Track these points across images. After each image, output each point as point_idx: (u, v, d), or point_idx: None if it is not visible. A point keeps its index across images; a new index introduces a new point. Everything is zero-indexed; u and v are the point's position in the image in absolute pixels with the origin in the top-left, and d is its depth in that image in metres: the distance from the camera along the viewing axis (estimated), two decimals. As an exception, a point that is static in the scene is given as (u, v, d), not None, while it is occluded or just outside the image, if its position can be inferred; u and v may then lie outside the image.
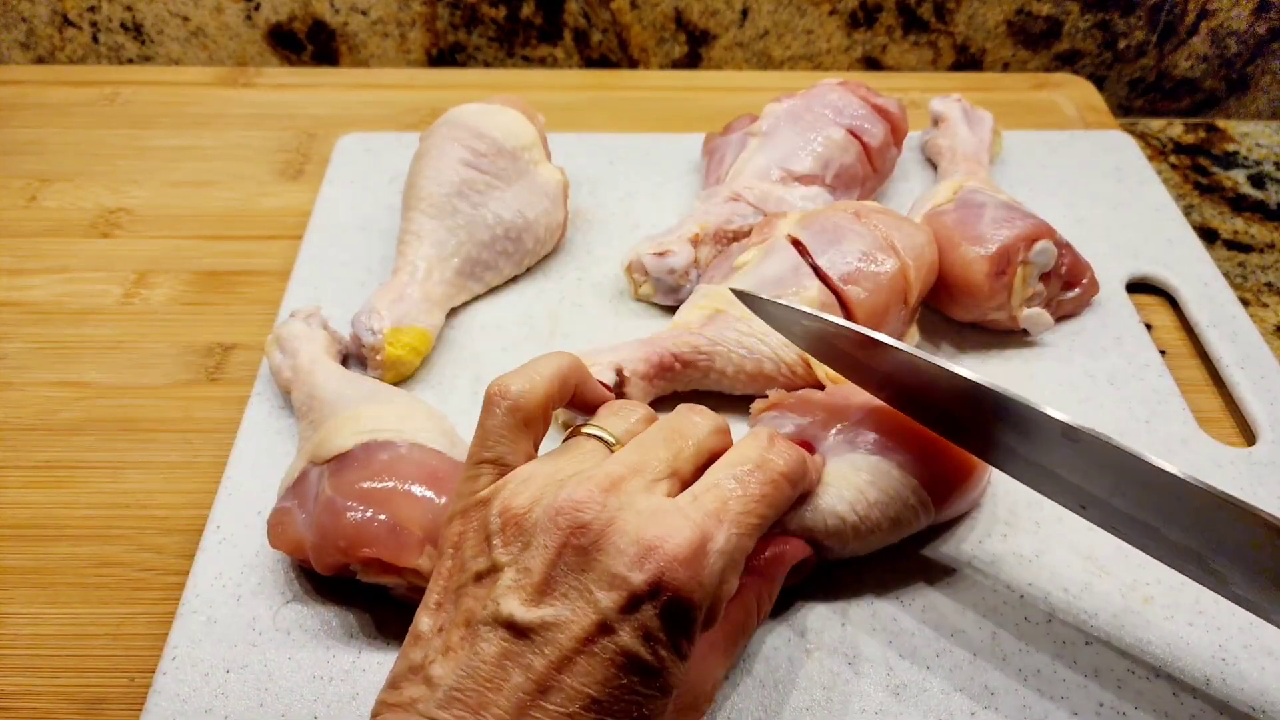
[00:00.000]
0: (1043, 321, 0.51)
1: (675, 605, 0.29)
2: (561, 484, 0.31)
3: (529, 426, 0.34)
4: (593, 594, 0.29)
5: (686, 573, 0.29)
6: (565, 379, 0.35)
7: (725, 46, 0.79)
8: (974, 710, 0.37)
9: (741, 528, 0.31)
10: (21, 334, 0.54)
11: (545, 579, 0.29)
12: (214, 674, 0.38)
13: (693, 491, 0.32)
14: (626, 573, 0.29)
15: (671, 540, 0.29)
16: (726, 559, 0.30)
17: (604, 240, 0.59)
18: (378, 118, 0.71)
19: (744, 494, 0.32)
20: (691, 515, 0.30)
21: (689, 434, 0.34)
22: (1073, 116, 0.72)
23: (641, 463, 0.32)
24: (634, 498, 0.30)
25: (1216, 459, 0.47)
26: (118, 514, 0.46)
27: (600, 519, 0.29)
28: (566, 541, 0.29)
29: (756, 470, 0.33)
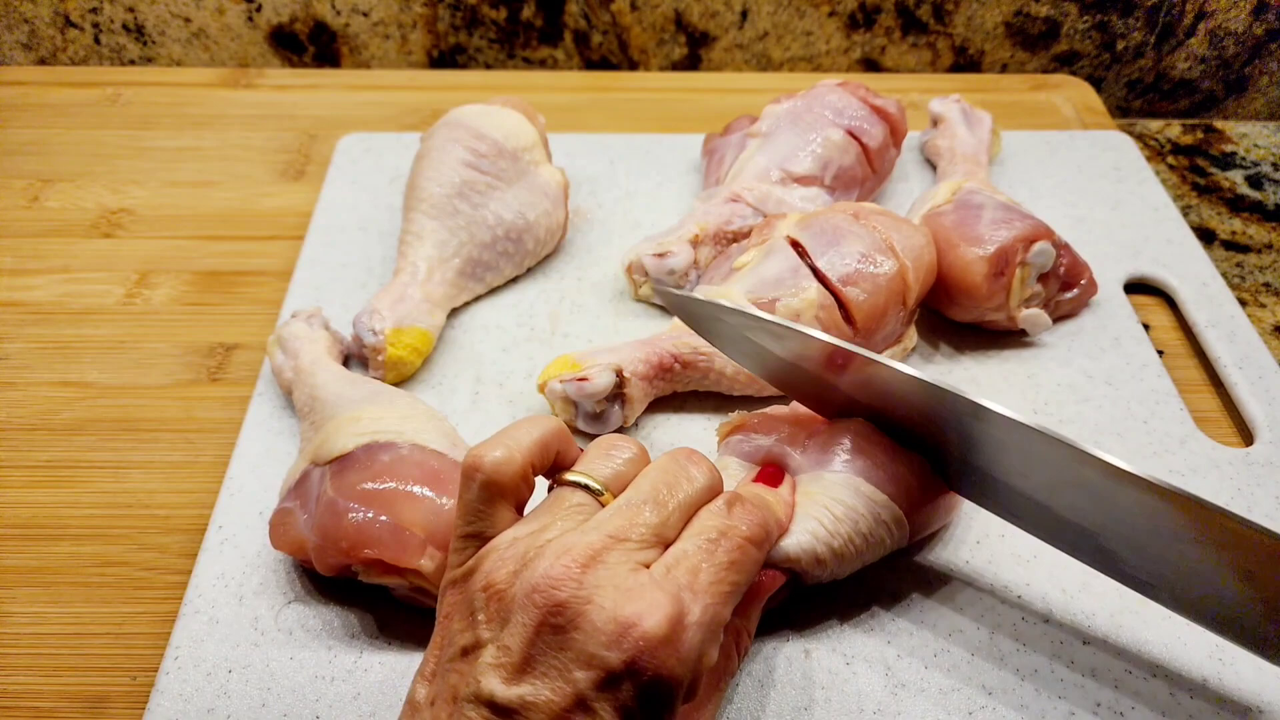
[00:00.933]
0: (1041, 322, 0.51)
1: (654, 684, 0.29)
2: (541, 553, 0.30)
3: (508, 496, 0.33)
4: (571, 673, 0.28)
5: (665, 651, 0.29)
6: (545, 445, 0.34)
7: (725, 48, 0.80)
8: (972, 710, 0.38)
9: (715, 598, 0.31)
10: (23, 334, 0.54)
11: (525, 657, 0.29)
12: (216, 673, 0.39)
13: (665, 562, 0.31)
14: (604, 652, 0.28)
15: (649, 618, 0.29)
16: (704, 631, 0.30)
17: (604, 240, 0.59)
18: (379, 119, 0.71)
19: (712, 563, 0.32)
20: (667, 589, 0.30)
21: (679, 490, 0.33)
22: (1071, 117, 0.73)
23: (626, 529, 0.31)
24: (613, 571, 0.30)
25: (1214, 459, 0.47)
26: (120, 514, 0.46)
27: (577, 597, 0.29)
28: (544, 620, 0.29)
29: (721, 539, 0.32)
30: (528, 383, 0.50)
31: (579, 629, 0.29)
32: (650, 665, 0.29)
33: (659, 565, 0.31)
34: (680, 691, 0.30)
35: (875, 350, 0.48)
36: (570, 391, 0.45)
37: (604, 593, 0.29)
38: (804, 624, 0.40)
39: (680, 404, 0.49)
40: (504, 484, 0.33)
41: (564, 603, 0.29)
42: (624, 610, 0.29)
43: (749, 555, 0.33)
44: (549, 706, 0.28)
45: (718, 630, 0.31)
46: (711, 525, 0.33)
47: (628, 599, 0.29)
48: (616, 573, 0.30)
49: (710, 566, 0.32)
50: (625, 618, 0.29)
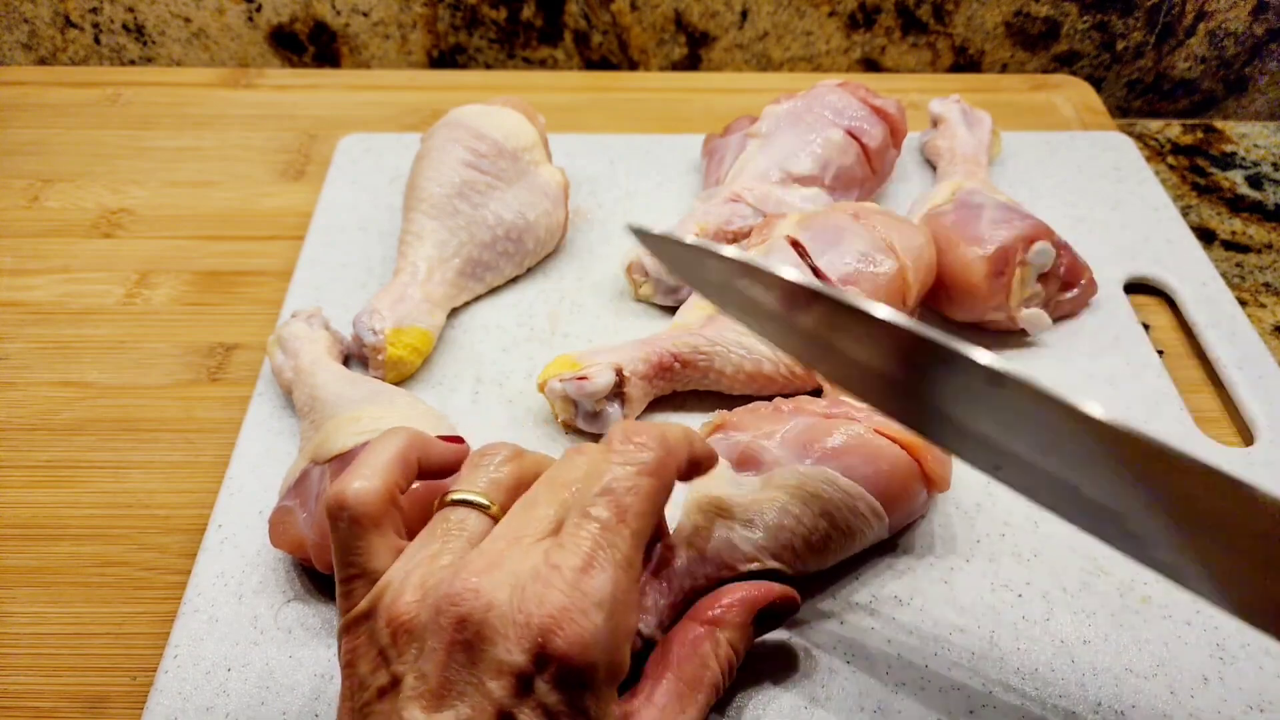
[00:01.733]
0: (1041, 322, 0.51)
1: (567, 671, 0.28)
2: (441, 574, 0.30)
3: (382, 525, 0.32)
4: (486, 686, 0.28)
5: (565, 635, 0.28)
6: (405, 460, 0.33)
7: (725, 48, 0.80)
8: (972, 709, 0.38)
9: (614, 557, 0.30)
10: (23, 334, 0.54)
11: (441, 681, 0.28)
12: (216, 672, 0.39)
13: (558, 542, 0.30)
14: (508, 656, 0.28)
15: (542, 608, 0.28)
16: (608, 603, 0.29)
17: (604, 240, 0.59)
18: (379, 119, 0.71)
19: (601, 524, 0.30)
20: (562, 570, 0.29)
21: (572, 480, 0.32)
22: (1071, 117, 0.73)
23: (521, 528, 0.31)
24: (510, 571, 0.29)
25: (1214, 459, 0.47)
26: (119, 513, 0.46)
27: (478, 606, 0.28)
28: (453, 639, 0.28)
29: (605, 493, 0.31)
30: (528, 382, 0.50)
31: (484, 638, 0.28)
32: (555, 653, 0.28)
33: (553, 549, 0.30)
34: (597, 671, 0.29)
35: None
36: (570, 391, 0.45)
37: (500, 594, 0.29)
38: (804, 623, 0.40)
39: (680, 403, 0.49)
40: (373, 513, 0.32)
41: (466, 616, 0.28)
42: (521, 608, 0.28)
43: (643, 492, 0.31)
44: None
45: (627, 594, 0.30)
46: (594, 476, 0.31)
47: (523, 596, 0.28)
48: (513, 571, 0.29)
49: (600, 528, 0.30)
50: (522, 617, 0.28)
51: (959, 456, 0.34)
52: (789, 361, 0.46)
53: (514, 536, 0.30)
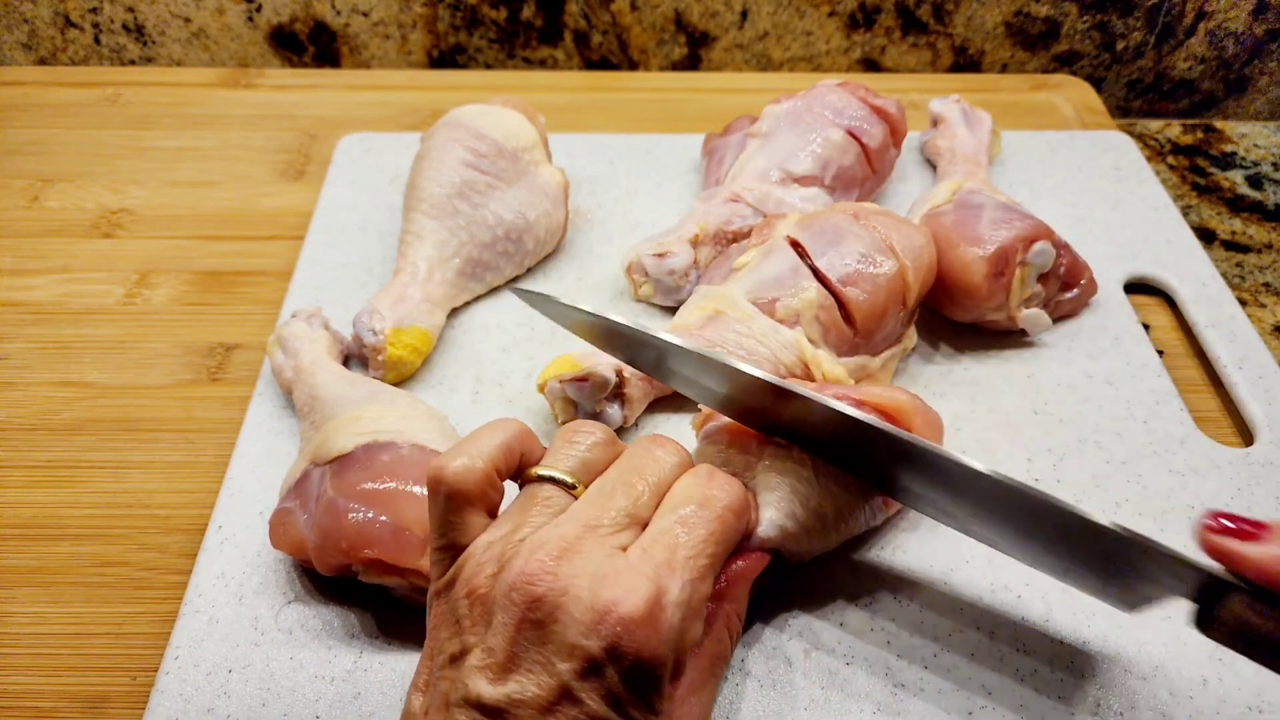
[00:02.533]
0: (1041, 322, 0.51)
1: (638, 666, 0.29)
2: (518, 552, 0.30)
3: (475, 504, 0.33)
4: (554, 665, 0.29)
5: (644, 632, 0.29)
6: (509, 448, 0.34)
7: (725, 48, 0.80)
8: (971, 710, 0.38)
9: (694, 573, 0.31)
10: (23, 334, 0.54)
11: (508, 656, 0.29)
12: (216, 673, 0.39)
13: (641, 544, 0.31)
14: (583, 641, 0.28)
15: (626, 602, 0.29)
16: (684, 609, 0.30)
17: (604, 240, 0.59)
18: (379, 119, 0.71)
19: (691, 538, 0.32)
20: (644, 570, 0.30)
21: (649, 472, 0.33)
22: (1071, 117, 0.73)
23: (598, 516, 0.31)
24: (588, 559, 0.30)
25: (1214, 459, 0.47)
26: (120, 514, 0.46)
27: (554, 589, 0.29)
28: (524, 617, 0.29)
29: (700, 510, 0.32)
30: (528, 382, 0.50)
31: (558, 621, 0.29)
32: (631, 648, 0.29)
33: (635, 547, 0.31)
34: (665, 672, 0.30)
35: (876, 350, 0.48)
36: (570, 391, 0.45)
37: (580, 581, 0.29)
38: (804, 624, 0.40)
39: (680, 403, 0.49)
40: (469, 492, 0.32)
41: (541, 596, 0.29)
42: (600, 596, 0.29)
43: (727, 524, 0.33)
44: (536, 702, 0.28)
45: (699, 605, 0.31)
46: (692, 495, 0.33)
47: (603, 584, 0.29)
48: (591, 560, 0.30)
49: (688, 541, 0.31)
50: (602, 604, 0.29)
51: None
52: (789, 363, 0.46)
53: (590, 523, 0.31)
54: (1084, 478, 0.46)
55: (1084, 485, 0.46)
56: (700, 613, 0.31)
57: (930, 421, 0.42)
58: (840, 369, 0.46)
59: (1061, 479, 0.46)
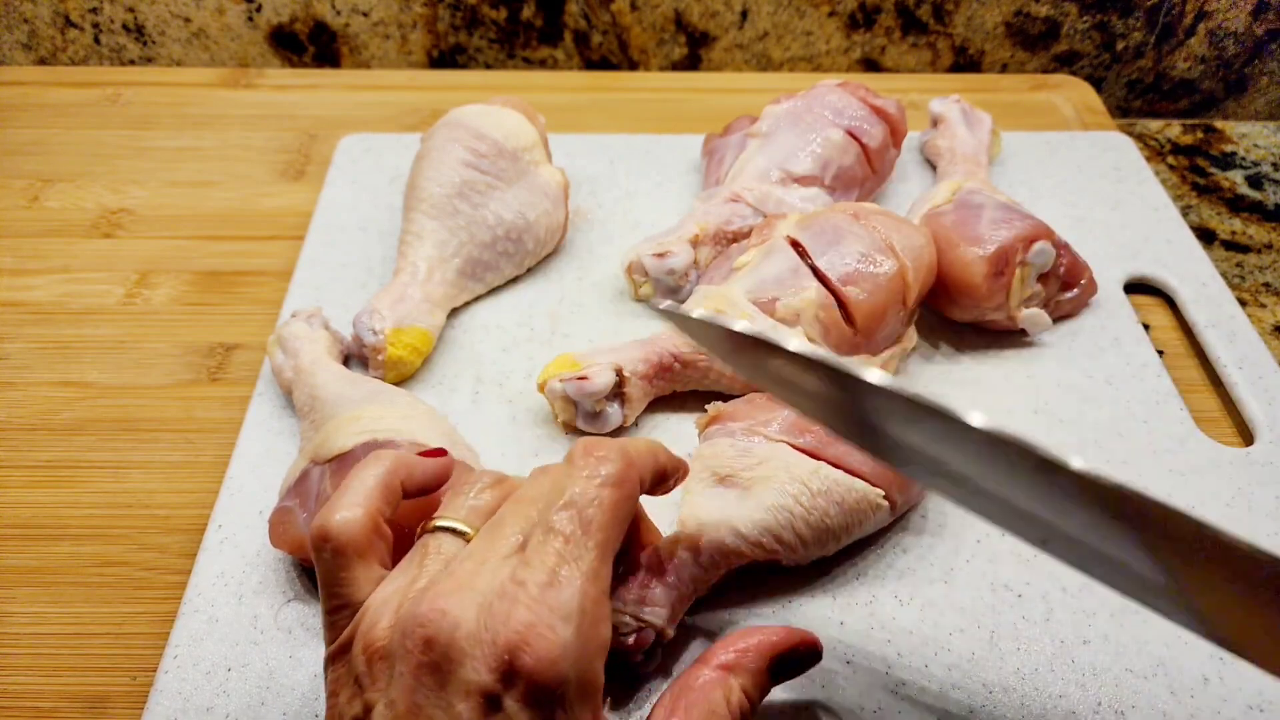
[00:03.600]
0: (1041, 322, 0.51)
1: (535, 687, 0.28)
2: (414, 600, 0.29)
3: (366, 555, 0.32)
4: (454, 708, 0.27)
5: (533, 651, 0.28)
6: (388, 487, 0.33)
7: (725, 48, 0.80)
8: (972, 709, 0.38)
9: (579, 569, 0.29)
10: (23, 334, 0.54)
11: (409, 706, 0.28)
12: (216, 672, 0.39)
13: (524, 560, 0.30)
14: (474, 676, 0.28)
15: (508, 625, 0.28)
16: (576, 617, 0.29)
17: (604, 240, 0.59)
18: (379, 119, 0.71)
19: (568, 538, 0.30)
20: (527, 586, 0.29)
21: (535, 496, 0.32)
22: (1071, 118, 0.73)
23: (489, 549, 0.30)
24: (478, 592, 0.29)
25: (1214, 459, 0.47)
26: (119, 514, 0.46)
27: (444, 628, 0.28)
28: (420, 662, 0.28)
29: (569, 506, 0.31)
30: (528, 382, 0.50)
31: (451, 660, 0.28)
32: (522, 669, 0.28)
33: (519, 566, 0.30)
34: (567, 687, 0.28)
35: (876, 350, 0.48)
36: (570, 391, 0.45)
37: (468, 614, 0.28)
38: (804, 622, 0.40)
39: (680, 403, 0.49)
40: (357, 543, 0.32)
41: (432, 637, 0.28)
42: (488, 626, 0.28)
43: (607, 504, 0.31)
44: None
45: (596, 606, 0.30)
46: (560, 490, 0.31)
47: (489, 614, 0.28)
48: (480, 592, 0.29)
49: (567, 541, 0.30)
50: (488, 634, 0.28)
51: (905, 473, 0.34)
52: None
53: (481, 558, 0.30)
54: (1084, 477, 0.46)
55: (1084, 485, 0.46)
56: (600, 614, 0.30)
57: None
58: (840, 369, 0.46)
59: (1061, 479, 0.46)
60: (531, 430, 0.48)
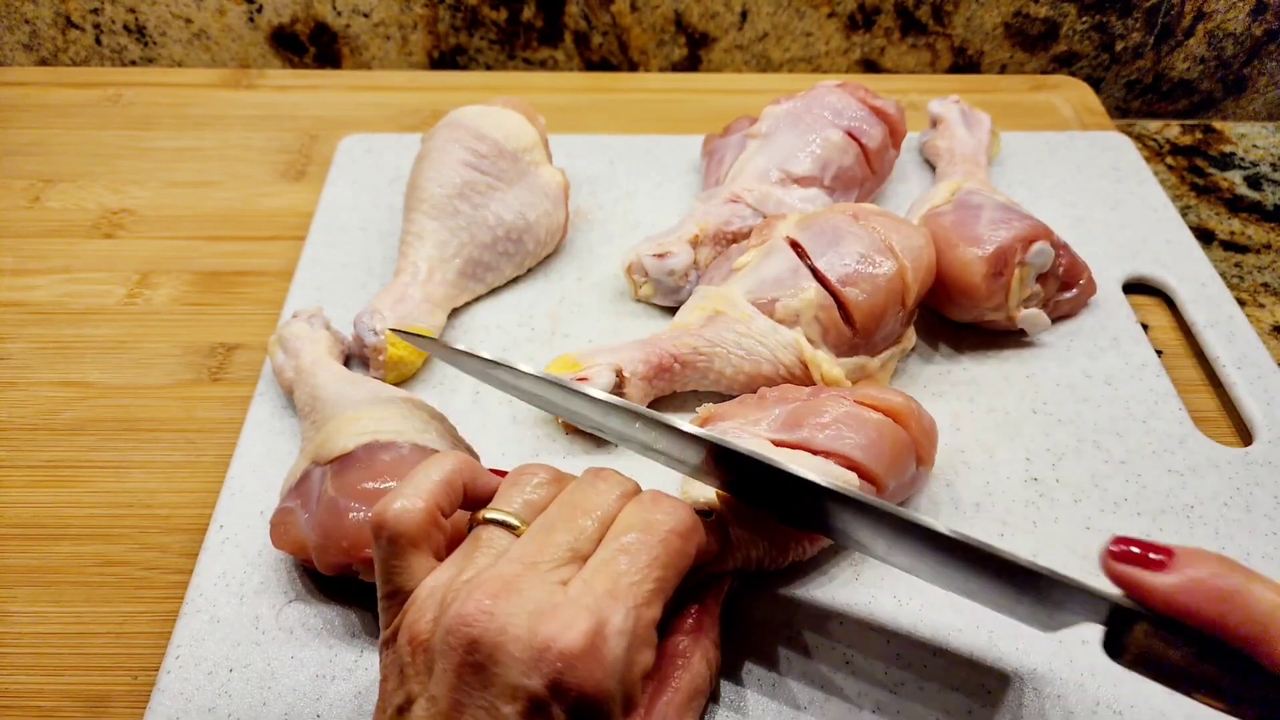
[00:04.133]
0: (1040, 322, 0.51)
1: (582, 702, 0.28)
2: (457, 595, 0.29)
3: (420, 545, 0.32)
4: (498, 709, 0.28)
5: (586, 666, 0.28)
6: (450, 484, 0.33)
7: (725, 49, 0.80)
8: (971, 709, 0.38)
9: (639, 599, 0.30)
10: (24, 334, 0.55)
11: (452, 704, 0.28)
12: (217, 672, 0.39)
13: (582, 576, 0.30)
14: (525, 680, 0.28)
15: (564, 636, 0.28)
16: (629, 638, 0.29)
17: (604, 241, 0.59)
18: (379, 119, 0.71)
19: (633, 564, 0.30)
20: (584, 602, 0.29)
21: (591, 507, 0.32)
22: (1070, 118, 0.73)
23: (538, 553, 0.31)
24: (527, 597, 0.29)
25: (1213, 459, 0.47)
26: (120, 513, 0.46)
27: (490, 630, 0.28)
28: (463, 661, 0.28)
29: (643, 534, 0.31)
30: (528, 383, 0.50)
31: (498, 662, 0.28)
32: (574, 683, 0.28)
33: (576, 580, 0.30)
34: (614, 705, 0.29)
35: (875, 350, 0.49)
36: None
37: (517, 619, 0.28)
38: (804, 623, 0.40)
39: (680, 403, 0.49)
40: (412, 534, 0.32)
41: (478, 639, 0.28)
42: (539, 633, 0.28)
43: (672, 548, 0.32)
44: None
45: (646, 632, 0.30)
46: (633, 522, 0.32)
47: (542, 621, 0.28)
48: (530, 597, 0.29)
49: (630, 568, 0.30)
50: (540, 640, 0.28)
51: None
52: (789, 363, 0.46)
53: (531, 560, 0.30)
54: (1083, 477, 0.46)
55: (1082, 485, 0.46)
56: (649, 640, 0.30)
57: (925, 426, 0.42)
58: (839, 369, 0.47)
59: (1060, 479, 0.46)
60: (532, 430, 0.48)
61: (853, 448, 0.40)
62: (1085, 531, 0.44)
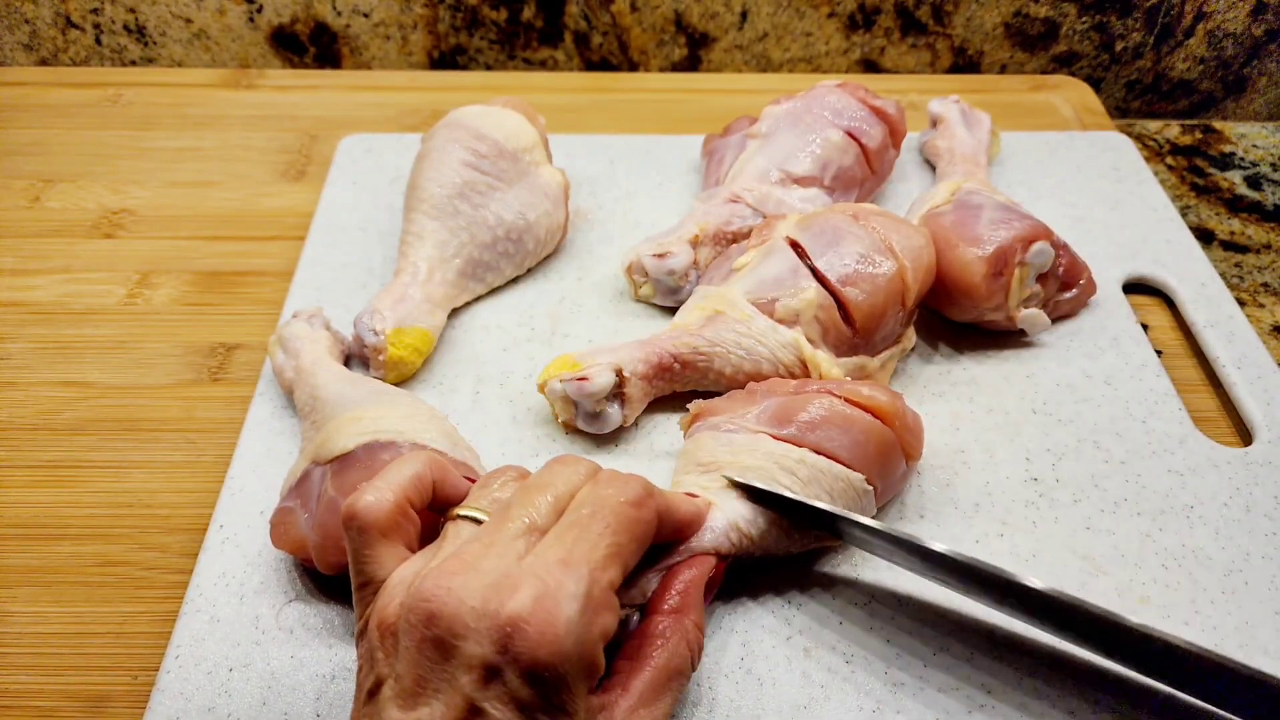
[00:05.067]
0: (1040, 322, 0.51)
1: (536, 665, 0.28)
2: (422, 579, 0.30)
3: (390, 535, 0.33)
4: (457, 680, 0.28)
5: (536, 629, 0.28)
6: (420, 479, 0.34)
7: (725, 49, 0.80)
8: (971, 709, 0.38)
9: (592, 564, 0.31)
10: (25, 334, 0.55)
11: (415, 680, 0.29)
12: (217, 672, 0.39)
13: (537, 549, 0.31)
14: (478, 649, 0.28)
15: (512, 601, 0.29)
16: (582, 600, 0.30)
17: (604, 241, 0.59)
18: (379, 119, 0.71)
19: (585, 534, 0.31)
20: (534, 570, 0.30)
21: (548, 486, 0.33)
22: (1070, 118, 0.73)
23: (496, 531, 0.32)
24: (484, 570, 0.30)
25: (1213, 459, 0.47)
26: (121, 513, 0.46)
27: (449, 604, 0.29)
28: (423, 636, 0.29)
29: (595, 507, 0.32)
30: (528, 383, 0.50)
31: (455, 634, 0.29)
32: (525, 648, 0.28)
33: (530, 553, 0.31)
34: (569, 669, 0.29)
35: (875, 350, 0.49)
36: (570, 391, 0.46)
37: (473, 591, 0.29)
38: (804, 623, 0.40)
39: (680, 404, 0.49)
40: (382, 524, 0.33)
41: (435, 613, 0.29)
42: (490, 602, 0.29)
43: (625, 515, 0.33)
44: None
45: (604, 595, 0.31)
46: (581, 501, 0.33)
47: (494, 590, 0.29)
48: (487, 570, 0.30)
49: (583, 537, 0.31)
50: (491, 608, 0.29)
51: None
52: (789, 363, 0.46)
53: (489, 541, 0.31)
54: (1083, 477, 0.46)
55: (1082, 485, 0.46)
56: (607, 603, 0.31)
57: (910, 423, 0.42)
58: (838, 369, 0.47)
59: (1060, 479, 0.46)
60: (532, 430, 0.48)
61: (839, 448, 0.40)
62: (1085, 531, 0.44)
